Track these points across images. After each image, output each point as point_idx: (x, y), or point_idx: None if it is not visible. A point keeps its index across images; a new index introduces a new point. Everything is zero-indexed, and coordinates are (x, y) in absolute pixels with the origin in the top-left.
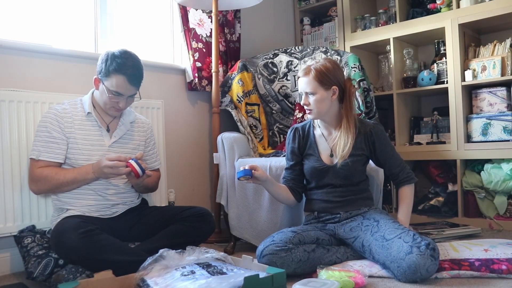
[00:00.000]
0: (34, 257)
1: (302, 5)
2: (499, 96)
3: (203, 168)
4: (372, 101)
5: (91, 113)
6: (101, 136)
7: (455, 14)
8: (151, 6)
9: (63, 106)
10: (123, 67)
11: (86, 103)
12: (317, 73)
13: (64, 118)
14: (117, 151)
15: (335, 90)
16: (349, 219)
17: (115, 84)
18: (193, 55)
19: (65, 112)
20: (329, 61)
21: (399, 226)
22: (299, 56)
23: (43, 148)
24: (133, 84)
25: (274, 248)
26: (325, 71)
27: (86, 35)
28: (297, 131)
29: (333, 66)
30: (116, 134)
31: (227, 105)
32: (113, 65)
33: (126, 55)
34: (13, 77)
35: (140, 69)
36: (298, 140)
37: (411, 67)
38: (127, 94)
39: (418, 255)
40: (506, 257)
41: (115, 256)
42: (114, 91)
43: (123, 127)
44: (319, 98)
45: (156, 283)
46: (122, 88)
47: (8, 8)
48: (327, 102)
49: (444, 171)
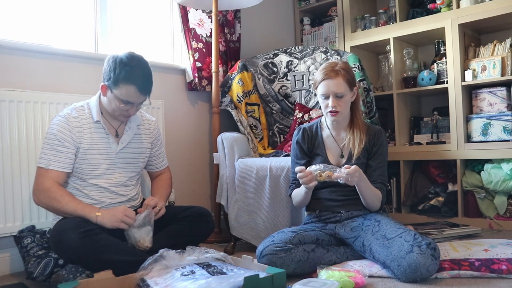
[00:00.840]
0: (34, 257)
1: (302, 5)
2: (499, 96)
3: (203, 168)
4: (372, 101)
5: (100, 121)
6: (109, 143)
7: (455, 14)
8: (151, 6)
9: (72, 114)
10: (133, 77)
11: (94, 110)
12: (346, 74)
13: (75, 128)
14: (124, 157)
15: (355, 91)
16: (350, 219)
17: (125, 94)
18: (193, 55)
19: (76, 121)
20: (345, 62)
21: (400, 226)
22: (299, 56)
23: (54, 157)
24: (143, 94)
25: (274, 248)
26: (350, 71)
27: (86, 35)
28: (305, 132)
29: (350, 67)
30: (123, 140)
31: (227, 105)
32: (122, 74)
33: (135, 61)
34: (13, 77)
35: (150, 77)
36: (307, 141)
37: (411, 67)
38: (137, 102)
39: (418, 254)
40: (506, 257)
41: (115, 256)
42: (125, 100)
43: (130, 132)
44: (347, 100)
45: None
46: (132, 98)
47: (8, 8)
48: (349, 103)
49: (444, 171)
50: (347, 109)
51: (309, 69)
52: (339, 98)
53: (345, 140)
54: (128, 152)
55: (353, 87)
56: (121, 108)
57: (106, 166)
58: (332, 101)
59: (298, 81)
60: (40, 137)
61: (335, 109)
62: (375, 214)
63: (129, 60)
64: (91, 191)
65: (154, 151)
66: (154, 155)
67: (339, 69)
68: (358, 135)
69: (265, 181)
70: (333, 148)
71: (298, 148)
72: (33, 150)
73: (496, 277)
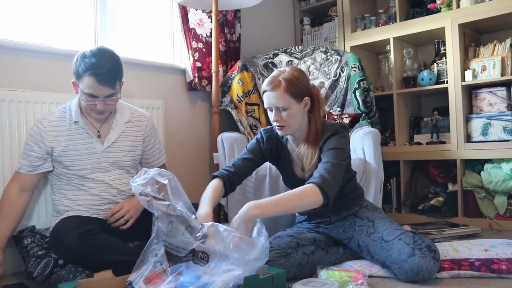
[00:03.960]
0: (33, 257)
1: (302, 5)
2: (499, 96)
3: (203, 168)
4: (372, 101)
5: (78, 121)
6: (92, 143)
7: (455, 14)
8: (151, 6)
9: (49, 118)
10: (91, 67)
11: (73, 110)
12: (288, 84)
13: (48, 132)
14: (111, 156)
15: (307, 101)
16: (341, 220)
17: (86, 86)
18: (193, 55)
19: (50, 124)
20: (296, 69)
21: (396, 226)
22: (299, 56)
23: (23, 160)
24: (104, 84)
25: (273, 255)
26: (295, 81)
27: (86, 35)
28: (270, 138)
29: (301, 74)
30: (109, 139)
31: (227, 105)
32: (81, 66)
33: (98, 53)
34: (13, 77)
35: (112, 68)
36: (271, 147)
37: (411, 67)
38: (101, 95)
39: (420, 258)
40: (506, 257)
41: (114, 256)
42: (87, 93)
43: (117, 129)
44: (293, 113)
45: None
46: (93, 89)
47: (8, 8)
48: (300, 115)
49: (444, 171)
50: (297, 122)
51: (309, 69)
52: (283, 111)
53: (302, 153)
54: (114, 151)
55: (302, 98)
56: (88, 103)
57: (92, 166)
58: (275, 115)
59: None
60: None
61: (279, 123)
62: (366, 212)
63: (93, 53)
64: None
65: (148, 148)
66: (147, 153)
67: (282, 79)
68: (311, 149)
69: (265, 181)
70: (295, 160)
71: (256, 145)
72: None
73: (496, 277)
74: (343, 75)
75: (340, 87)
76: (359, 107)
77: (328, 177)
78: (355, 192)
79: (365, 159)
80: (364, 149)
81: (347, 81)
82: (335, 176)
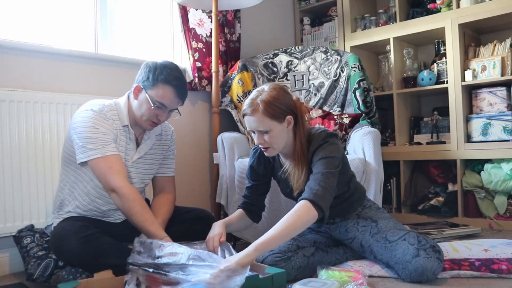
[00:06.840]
0: (34, 258)
1: (302, 5)
2: (499, 96)
3: (203, 168)
4: (372, 101)
5: (128, 125)
6: (129, 150)
7: (455, 14)
8: (151, 6)
9: (105, 111)
10: (173, 79)
11: (123, 112)
12: (267, 107)
13: (113, 124)
14: (138, 167)
15: (290, 120)
16: (344, 220)
17: (161, 95)
18: (193, 55)
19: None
20: (274, 88)
21: (400, 226)
22: (299, 56)
23: (104, 144)
24: (179, 97)
25: (274, 259)
26: (274, 102)
27: (86, 35)
28: (260, 156)
29: (280, 93)
30: (141, 149)
31: (227, 105)
32: (163, 75)
33: (174, 65)
34: (13, 77)
35: (186, 84)
36: (263, 165)
37: (411, 67)
38: (170, 107)
39: (425, 258)
40: (506, 257)
41: (116, 259)
42: (159, 102)
43: (148, 142)
44: (275, 134)
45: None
46: (167, 100)
47: (8, 8)
48: (283, 135)
49: (444, 171)
50: (281, 142)
51: (309, 69)
52: (265, 134)
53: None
54: (142, 162)
55: (283, 118)
56: (151, 112)
57: None
58: (257, 138)
59: (298, 81)
60: (40, 137)
61: (263, 146)
62: (369, 212)
63: (169, 64)
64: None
65: (164, 162)
66: (162, 163)
67: (260, 102)
68: (298, 167)
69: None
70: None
71: (249, 169)
72: (33, 150)
73: (496, 277)
74: (343, 75)
75: (340, 87)
76: (359, 107)
77: (319, 189)
78: (356, 194)
79: (365, 159)
80: (364, 149)
81: (347, 81)
82: (327, 185)
